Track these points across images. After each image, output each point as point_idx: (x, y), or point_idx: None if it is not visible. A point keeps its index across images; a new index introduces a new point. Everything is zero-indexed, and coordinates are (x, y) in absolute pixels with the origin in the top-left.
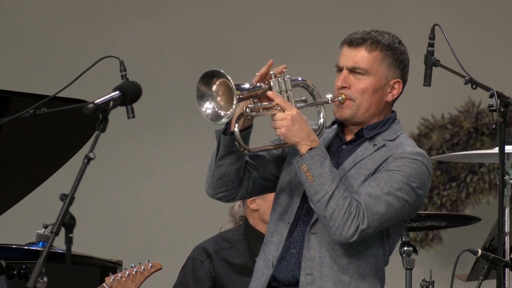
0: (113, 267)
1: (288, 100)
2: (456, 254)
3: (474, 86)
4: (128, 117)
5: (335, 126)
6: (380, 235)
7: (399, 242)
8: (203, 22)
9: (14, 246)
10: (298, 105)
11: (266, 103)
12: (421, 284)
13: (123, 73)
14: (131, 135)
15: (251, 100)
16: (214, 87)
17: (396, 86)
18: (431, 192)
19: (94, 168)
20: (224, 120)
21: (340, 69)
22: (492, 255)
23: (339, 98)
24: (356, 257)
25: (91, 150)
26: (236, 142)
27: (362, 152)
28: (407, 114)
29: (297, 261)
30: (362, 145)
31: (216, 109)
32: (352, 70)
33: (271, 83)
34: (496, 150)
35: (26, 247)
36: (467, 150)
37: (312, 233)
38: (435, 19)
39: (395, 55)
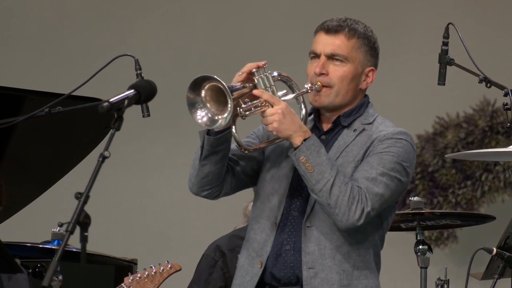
0: (128, 265)
1: (274, 95)
2: (471, 252)
3: (488, 84)
4: (143, 116)
5: (311, 117)
6: (376, 221)
7: (414, 241)
8: (217, 21)
9: (29, 245)
10: (283, 99)
11: (255, 101)
12: (436, 283)
13: (138, 71)
14: (146, 133)
15: (239, 100)
16: (202, 93)
17: (370, 74)
18: (446, 190)
19: (109, 167)
20: (221, 122)
21: (315, 56)
22: (507, 254)
23: (315, 86)
24: (356, 245)
25: (106, 148)
26: (235, 145)
27: (344, 140)
28: (422, 113)
29: (294, 257)
30: (341, 133)
31: (210, 115)
32: (331, 57)
33: (255, 81)
34: (511, 148)
35: (41, 246)
36: (482, 148)
37: (307, 226)
38: (448, 18)
39: (370, 43)
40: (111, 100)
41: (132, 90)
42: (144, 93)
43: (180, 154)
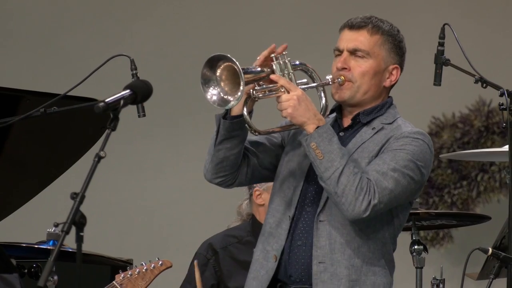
0: (124, 265)
1: (291, 81)
2: (466, 252)
3: (484, 85)
4: (139, 116)
5: (333, 115)
6: (387, 217)
7: (410, 241)
8: (214, 20)
9: (24, 245)
10: (301, 87)
11: (271, 85)
12: (431, 283)
13: (134, 71)
14: (142, 133)
15: (255, 83)
16: (218, 72)
17: (394, 72)
18: (442, 190)
19: (105, 167)
20: (232, 103)
21: (339, 52)
22: (503, 254)
23: (339, 79)
24: (366, 241)
25: (102, 148)
26: (246, 125)
27: (362, 137)
28: (418, 113)
29: (305, 252)
30: (360, 130)
31: (222, 94)
32: (353, 52)
33: (273, 66)
34: (506, 148)
35: (36, 246)
36: (477, 148)
37: (320, 221)
38: (444, 19)
39: (395, 41)
40: (107, 100)
41: (128, 90)
42: (140, 93)
43: (176, 154)
